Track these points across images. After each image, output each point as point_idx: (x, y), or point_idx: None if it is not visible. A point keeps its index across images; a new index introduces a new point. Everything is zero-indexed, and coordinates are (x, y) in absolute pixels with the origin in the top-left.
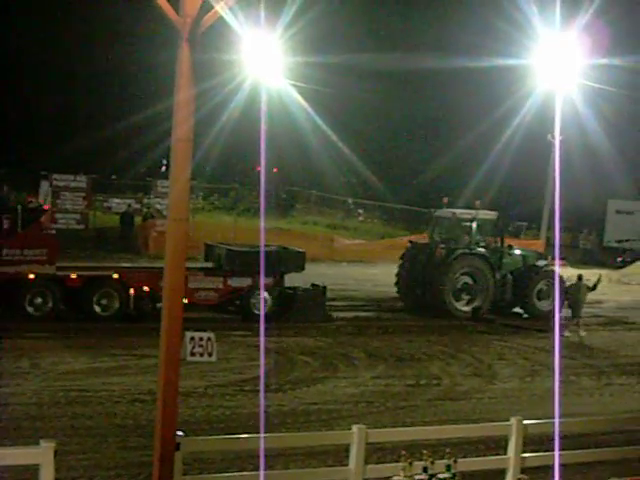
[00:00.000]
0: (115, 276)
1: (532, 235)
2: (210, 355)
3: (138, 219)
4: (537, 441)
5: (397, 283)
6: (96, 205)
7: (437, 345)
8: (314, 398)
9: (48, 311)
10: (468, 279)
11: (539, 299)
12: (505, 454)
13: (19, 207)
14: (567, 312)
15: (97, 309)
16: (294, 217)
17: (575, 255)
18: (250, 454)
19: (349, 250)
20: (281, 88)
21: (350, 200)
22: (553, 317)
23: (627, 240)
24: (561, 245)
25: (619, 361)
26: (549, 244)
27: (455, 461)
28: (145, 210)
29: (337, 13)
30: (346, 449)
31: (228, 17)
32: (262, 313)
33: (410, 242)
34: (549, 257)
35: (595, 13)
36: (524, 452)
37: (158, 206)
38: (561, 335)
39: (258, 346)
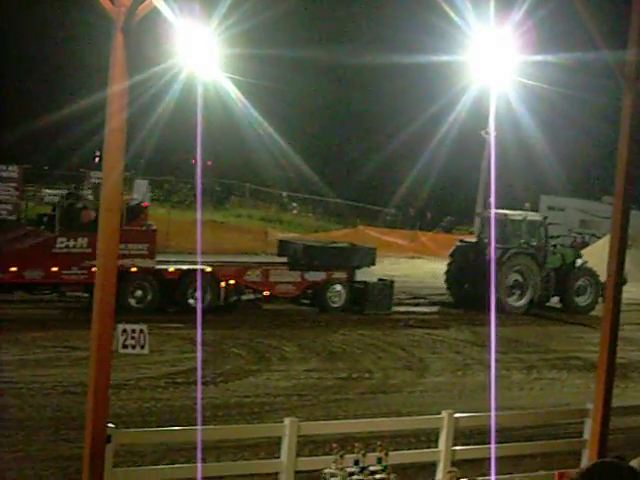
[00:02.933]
0: (208, 270)
1: (464, 230)
2: (142, 347)
3: None
4: (468, 434)
5: (447, 279)
6: (28, 196)
7: (369, 339)
8: (246, 391)
9: (148, 303)
10: (518, 276)
11: (577, 295)
12: (436, 447)
13: (124, 204)
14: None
15: (192, 301)
16: (228, 210)
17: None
18: (182, 447)
19: None
20: (217, 80)
21: (284, 193)
22: (590, 311)
23: (558, 236)
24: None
25: (549, 355)
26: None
27: (386, 454)
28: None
29: (274, 6)
30: (278, 442)
31: (163, 7)
32: (199, 306)
33: (460, 240)
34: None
35: (529, 10)
36: (455, 445)
37: (91, 197)
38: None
39: (191, 338)
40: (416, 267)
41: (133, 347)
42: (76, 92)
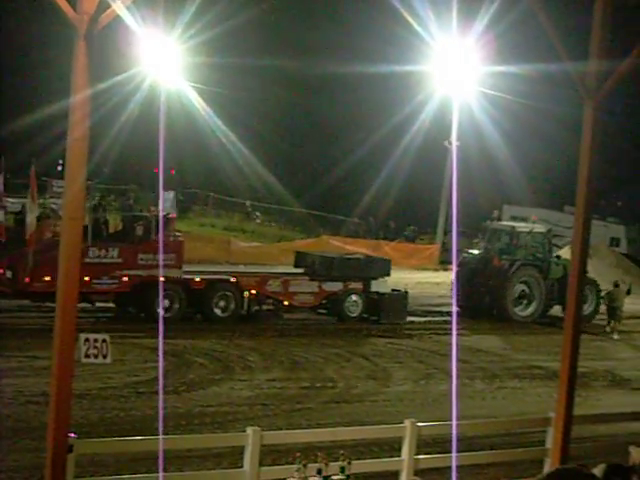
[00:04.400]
0: (232, 280)
1: (428, 240)
2: (105, 357)
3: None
4: (431, 443)
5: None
6: None
7: (332, 348)
8: (209, 400)
9: (176, 313)
10: (524, 287)
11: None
12: (399, 456)
13: (153, 216)
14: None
15: (217, 311)
16: (191, 219)
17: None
18: (144, 456)
19: (245, 253)
20: (181, 89)
21: (248, 203)
22: (592, 320)
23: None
24: (458, 249)
25: (511, 364)
26: (445, 249)
27: (349, 463)
28: (40, 210)
29: (238, 15)
30: (241, 451)
31: (126, 16)
32: (161, 314)
33: (466, 252)
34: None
35: (491, 21)
36: (418, 454)
37: (54, 206)
38: (610, 337)
39: (153, 348)
40: None
41: (95, 357)
42: (38, 100)
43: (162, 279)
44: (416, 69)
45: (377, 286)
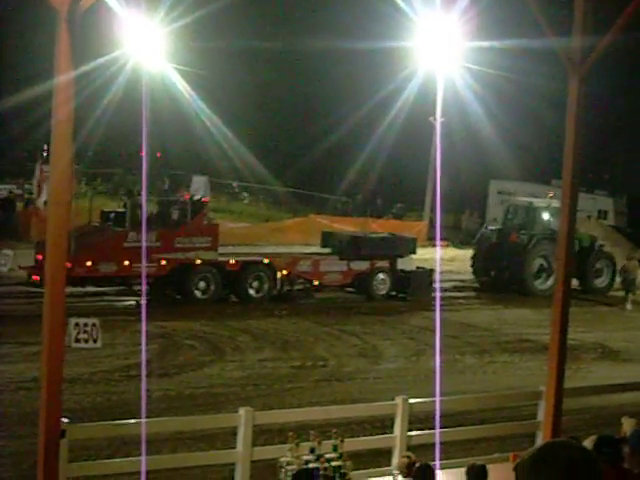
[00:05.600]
0: (266, 261)
1: (415, 217)
2: (95, 341)
3: (20, 205)
4: (423, 419)
5: (473, 265)
6: None
7: (323, 327)
8: (201, 382)
9: (212, 294)
10: (543, 261)
11: (596, 277)
12: (391, 433)
13: (189, 200)
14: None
15: (251, 292)
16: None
17: (458, 236)
18: (137, 440)
19: (234, 233)
20: (164, 71)
21: (235, 184)
22: (608, 292)
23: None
24: (444, 226)
25: (501, 339)
26: (432, 225)
27: (342, 441)
28: (26, 195)
29: None
30: (234, 432)
31: None
32: (143, 301)
33: (484, 228)
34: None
35: None
36: (410, 430)
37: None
38: (622, 308)
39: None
40: None
41: (86, 341)
42: (21, 83)
43: (198, 261)
44: (399, 45)
45: (403, 264)
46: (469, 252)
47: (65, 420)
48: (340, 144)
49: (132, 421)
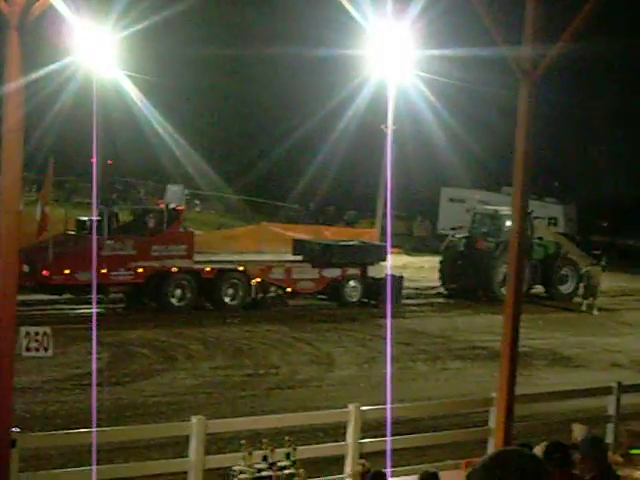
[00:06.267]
0: (241, 268)
1: (367, 224)
2: (46, 350)
3: None
4: (376, 426)
5: (440, 272)
6: None
7: (276, 334)
8: (153, 390)
9: (188, 302)
10: None
11: (561, 283)
12: (344, 440)
13: (164, 208)
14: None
15: (226, 299)
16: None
17: (410, 243)
18: (88, 449)
19: None
20: (115, 79)
21: (186, 191)
22: (572, 298)
23: (460, 227)
24: (395, 233)
25: (453, 346)
26: (384, 232)
27: (295, 449)
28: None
29: (171, 2)
30: (186, 440)
31: (60, 6)
32: (94, 308)
33: (451, 236)
34: (565, 245)
35: (427, 4)
36: (363, 438)
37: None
38: (589, 313)
39: (97, 340)
40: None
41: (37, 350)
42: None
43: (174, 269)
44: (352, 53)
45: (373, 271)
46: (421, 259)
47: (16, 429)
48: (292, 152)
49: (84, 430)
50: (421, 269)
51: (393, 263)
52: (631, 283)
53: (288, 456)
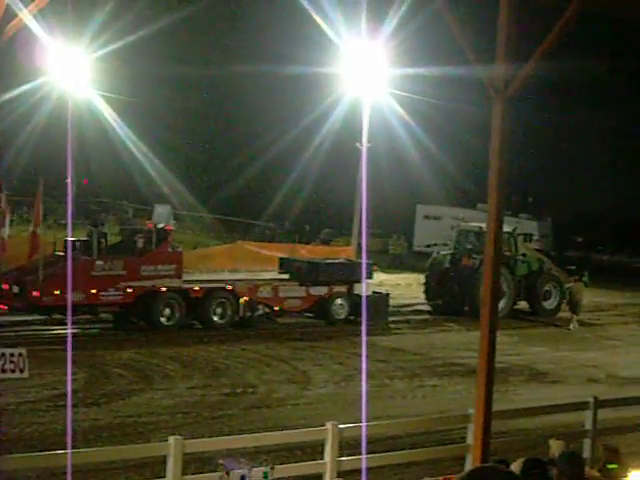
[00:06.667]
0: (229, 287)
1: (343, 242)
2: (22, 371)
3: None
4: (354, 445)
5: (425, 288)
6: None
7: (252, 353)
8: (130, 411)
9: (177, 321)
10: None
11: (544, 299)
12: (322, 459)
13: (153, 228)
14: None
15: (215, 318)
16: (107, 229)
17: (385, 260)
18: (65, 470)
19: None
20: (89, 98)
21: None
22: (556, 314)
23: (435, 244)
24: (371, 251)
25: (430, 363)
26: (360, 250)
27: (272, 468)
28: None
29: (145, 22)
30: (164, 461)
31: (33, 26)
32: (69, 326)
33: (436, 253)
34: (547, 262)
35: (400, 24)
36: (341, 456)
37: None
38: (567, 328)
39: (72, 360)
40: None
41: (12, 371)
42: None
43: (164, 289)
44: (326, 71)
45: (359, 289)
46: (397, 276)
47: None
48: (267, 170)
49: (60, 452)
50: (397, 286)
51: (370, 281)
52: (606, 298)
53: (266, 475)
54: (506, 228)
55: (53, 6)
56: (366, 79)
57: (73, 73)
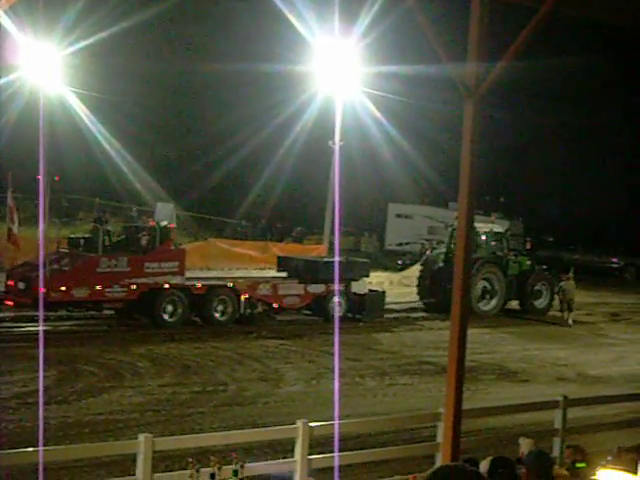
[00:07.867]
0: (230, 285)
1: (315, 240)
2: None
3: None
4: (324, 443)
5: (418, 287)
6: None
7: (223, 351)
8: (100, 408)
9: (179, 317)
10: (486, 283)
11: (535, 298)
12: (292, 457)
13: (157, 226)
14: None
15: (217, 315)
16: (77, 226)
17: (358, 258)
18: (35, 468)
19: None
20: (61, 95)
21: (134, 208)
22: (547, 313)
23: (407, 243)
24: (344, 249)
25: (401, 361)
26: (332, 249)
27: (242, 466)
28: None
29: (117, 19)
30: (133, 459)
31: (4, 22)
32: (41, 327)
33: (428, 250)
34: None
35: (373, 22)
36: (311, 454)
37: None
38: (567, 325)
39: (43, 358)
40: None
41: None
42: None
43: (167, 286)
44: (299, 69)
45: (356, 287)
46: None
47: None
48: (239, 168)
49: (30, 449)
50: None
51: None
52: (576, 297)
53: (236, 473)
54: (498, 228)
55: (25, 2)
56: (339, 77)
57: (45, 70)
